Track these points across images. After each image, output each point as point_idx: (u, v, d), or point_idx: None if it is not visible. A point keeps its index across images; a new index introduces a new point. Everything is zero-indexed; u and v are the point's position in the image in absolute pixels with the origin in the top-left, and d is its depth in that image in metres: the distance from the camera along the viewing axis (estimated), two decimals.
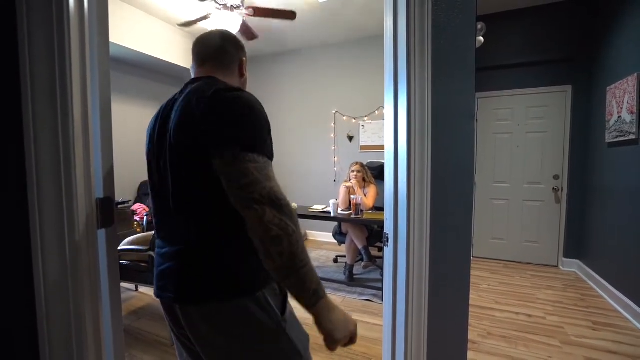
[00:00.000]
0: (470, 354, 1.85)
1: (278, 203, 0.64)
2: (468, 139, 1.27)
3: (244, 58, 0.94)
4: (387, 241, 1.11)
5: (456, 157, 1.17)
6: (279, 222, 0.63)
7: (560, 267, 3.31)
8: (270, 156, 0.72)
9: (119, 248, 2.10)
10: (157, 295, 0.78)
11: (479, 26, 2.50)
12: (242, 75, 0.93)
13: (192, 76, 0.87)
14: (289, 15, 2.70)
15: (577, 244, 3.22)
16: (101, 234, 0.89)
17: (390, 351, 1.09)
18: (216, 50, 0.87)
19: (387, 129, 1.07)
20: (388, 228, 1.10)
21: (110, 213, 0.90)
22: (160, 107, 0.82)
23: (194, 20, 2.86)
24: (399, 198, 1.05)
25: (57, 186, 0.80)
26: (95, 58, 0.87)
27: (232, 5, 2.53)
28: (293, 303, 0.74)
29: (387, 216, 1.11)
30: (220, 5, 2.52)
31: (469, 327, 2.14)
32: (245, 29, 2.98)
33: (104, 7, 0.89)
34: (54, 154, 0.79)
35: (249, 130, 0.70)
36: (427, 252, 1.04)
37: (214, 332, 0.72)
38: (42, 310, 0.81)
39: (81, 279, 0.83)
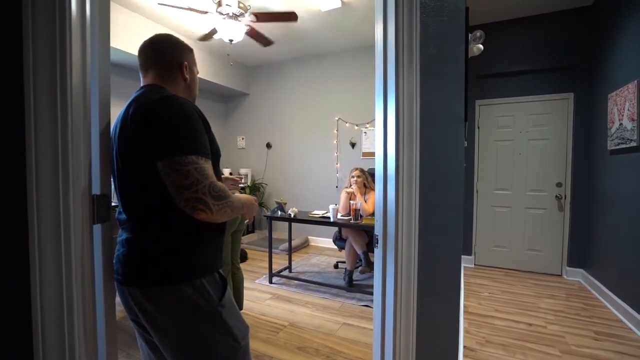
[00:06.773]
0: None
1: (216, 194, 0.78)
2: (457, 143, 1.29)
3: (185, 62, 0.94)
4: (377, 242, 1.12)
5: (445, 161, 1.19)
6: (222, 206, 0.79)
7: (564, 276, 3.26)
8: (208, 154, 0.81)
9: None
10: (115, 278, 0.88)
11: (478, 34, 2.53)
12: (184, 79, 0.94)
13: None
14: (291, 17, 2.73)
15: (581, 252, 3.17)
16: (97, 229, 0.92)
17: (380, 352, 1.10)
18: (154, 60, 0.91)
19: (377, 135, 1.09)
20: (378, 229, 1.12)
21: (106, 209, 0.93)
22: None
23: (208, 34, 2.96)
24: (387, 199, 1.06)
25: (54, 182, 0.84)
26: (96, 59, 0.90)
27: (234, 14, 2.61)
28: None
29: (377, 218, 1.12)
30: (224, 15, 2.60)
31: (467, 335, 2.12)
32: (258, 36, 3.04)
33: (106, 12, 0.94)
34: (53, 153, 0.83)
35: (187, 135, 0.78)
36: (416, 251, 1.05)
37: (157, 311, 0.81)
38: (36, 299, 0.84)
39: (76, 270, 0.86)
